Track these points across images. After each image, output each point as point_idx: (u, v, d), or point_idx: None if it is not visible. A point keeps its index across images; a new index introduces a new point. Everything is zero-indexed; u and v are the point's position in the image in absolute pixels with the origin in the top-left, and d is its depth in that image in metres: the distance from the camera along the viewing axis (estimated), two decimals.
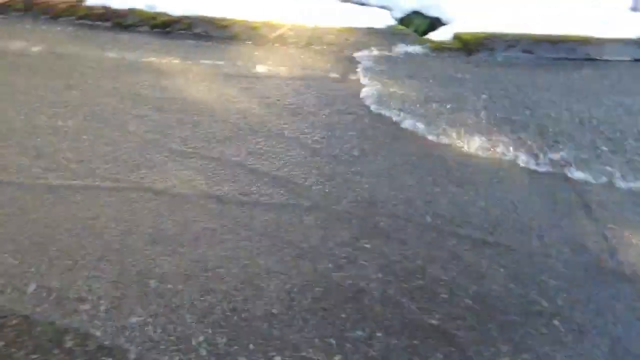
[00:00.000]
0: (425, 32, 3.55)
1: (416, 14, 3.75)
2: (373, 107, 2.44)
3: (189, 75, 2.58)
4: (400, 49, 3.10)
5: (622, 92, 2.78)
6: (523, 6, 3.61)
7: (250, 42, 2.99)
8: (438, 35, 3.37)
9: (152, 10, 2.96)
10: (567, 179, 2.04)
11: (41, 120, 2.19)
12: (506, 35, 3.29)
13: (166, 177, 1.87)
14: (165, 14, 2.96)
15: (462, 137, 2.26)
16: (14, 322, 1.34)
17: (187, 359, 1.28)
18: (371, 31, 3.23)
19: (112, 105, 2.30)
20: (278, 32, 3.05)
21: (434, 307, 1.45)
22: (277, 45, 3.00)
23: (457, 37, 3.27)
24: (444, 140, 2.23)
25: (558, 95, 2.71)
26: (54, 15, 2.98)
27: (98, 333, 1.32)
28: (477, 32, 3.29)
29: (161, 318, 1.37)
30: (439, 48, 3.18)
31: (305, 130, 2.22)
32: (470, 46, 3.22)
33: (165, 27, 2.92)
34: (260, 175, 1.90)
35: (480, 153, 2.16)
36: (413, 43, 3.18)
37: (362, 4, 3.60)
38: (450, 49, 3.18)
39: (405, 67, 2.88)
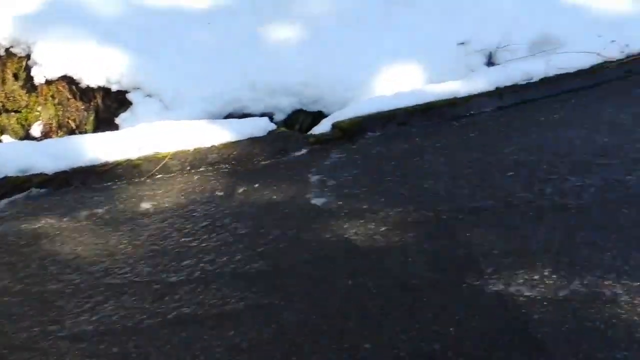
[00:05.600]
0: (310, 128, 3.72)
1: (299, 112, 3.94)
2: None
3: (66, 234, 2.56)
4: (283, 152, 3.21)
5: (486, 144, 2.97)
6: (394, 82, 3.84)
7: (133, 181, 3.03)
8: (320, 129, 3.52)
9: (25, 174, 2.96)
10: None
11: None
12: (380, 113, 3.48)
13: None
14: (40, 175, 2.97)
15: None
16: None
17: None
18: (254, 140, 3.34)
19: None
20: (160, 164, 3.11)
21: None
22: (161, 176, 3.05)
23: (336, 126, 3.42)
24: None
25: (438, 160, 2.85)
26: None
27: None
28: (354, 117, 3.46)
29: None
30: (321, 141, 3.31)
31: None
32: (350, 133, 3.37)
33: (42, 187, 2.93)
34: None
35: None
36: (296, 143, 3.30)
37: (244, 115, 3.75)
38: (331, 140, 3.32)
39: (286, 173, 2.98)
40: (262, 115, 3.70)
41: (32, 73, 4.04)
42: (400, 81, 3.77)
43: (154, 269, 2.22)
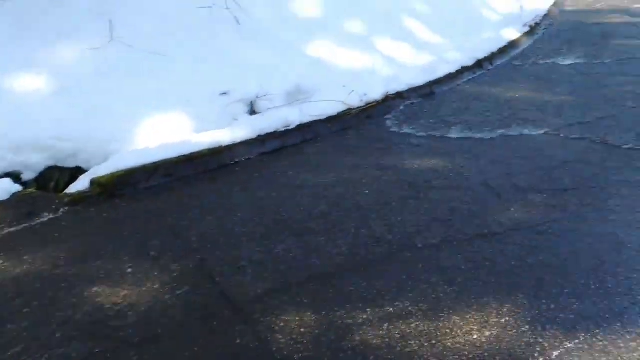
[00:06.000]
0: (67, 185, 3.41)
1: (53, 169, 3.58)
2: None
3: None
4: (31, 216, 2.87)
5: (251, 192, 3.10)
6: (157, 131, 3.76)
7: None
8: (77, 186, 3.25)
9: None
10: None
11: None
12: (144, 166, 3.36)
13: None
14: None
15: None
16: None
17: None
18: None
19: None
20: None
21: None
22: None
23: (95, 182, 3.20)
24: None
25: (204, 211, 2.86)
26: None
27: None
28: (116, 172, 3.28)
29: None
30: (78, 201, 3.06)
31: None
32: (111, 188, 3.19)
33: None
34: None
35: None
36: (47, 205, 2.98)
37: None
38: (90, 198, 3.09)
39: (33, 241, 2.66)
40: (6, 175, 3.28)
41: None
42: (166, 132, 3.73)
43: None
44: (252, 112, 4.11)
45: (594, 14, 7.27)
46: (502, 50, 5.62)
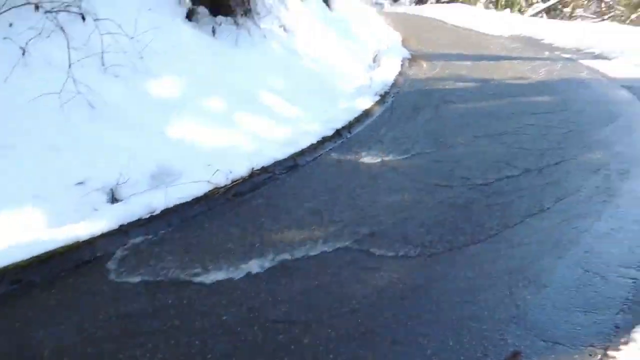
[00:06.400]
0: None
1: None
2: None
3: None
4: None
5: (118, 291, 2.92)
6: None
7: None
8: None
9: None
10: None
11: None
12: None
13: None
14: None
15: None
16: None
17: None
18: None
19: None
20: None
21: None
22: None
23: None
24: None
25: (59, 320, 2.62)
26: None
27: None
28: None
29: None
30: None
31: None
32: None
33: None
34: None
35: None
36: None
37: None
38: None
39: None
40: None
41: None
42: (13, 232, 3.42)
43: None
44: (114, 200, 3.94)
45: (434, 81, 8.17)
46: (358, 119, 6.06)
